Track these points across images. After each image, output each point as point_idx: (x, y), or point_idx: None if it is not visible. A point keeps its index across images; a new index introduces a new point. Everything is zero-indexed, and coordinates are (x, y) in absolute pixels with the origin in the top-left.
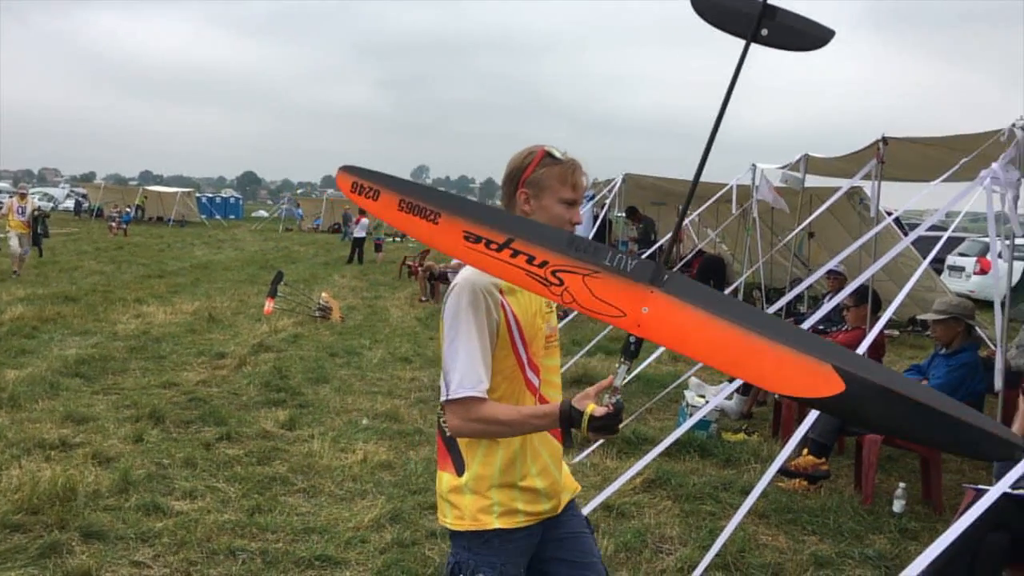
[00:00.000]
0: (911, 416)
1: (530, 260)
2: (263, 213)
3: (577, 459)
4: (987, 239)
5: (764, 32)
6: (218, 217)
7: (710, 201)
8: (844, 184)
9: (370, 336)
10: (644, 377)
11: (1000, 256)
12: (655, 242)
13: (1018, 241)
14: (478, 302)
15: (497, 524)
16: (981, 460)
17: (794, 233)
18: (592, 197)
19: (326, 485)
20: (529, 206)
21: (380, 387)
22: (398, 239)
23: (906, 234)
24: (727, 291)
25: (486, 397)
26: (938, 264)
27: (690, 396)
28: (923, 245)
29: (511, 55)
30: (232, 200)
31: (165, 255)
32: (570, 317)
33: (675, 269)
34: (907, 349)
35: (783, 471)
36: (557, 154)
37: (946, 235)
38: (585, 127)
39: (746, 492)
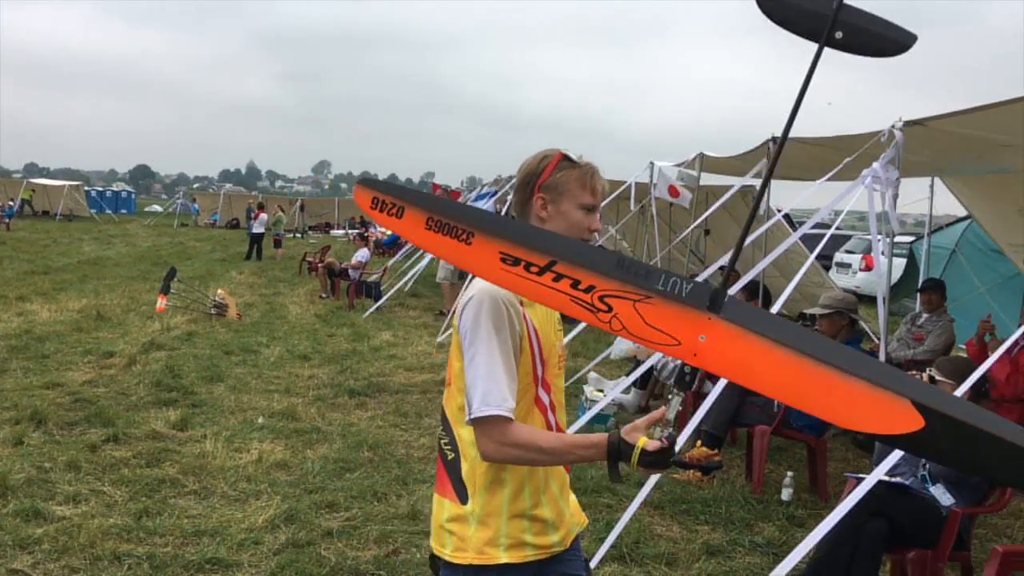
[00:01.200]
0: (992, 453)
1: (575, 284)
2: (157, 208)
3: None
4: (871, 237)
5: (838, 35)
6: (109, 212)
7: (609, 198)
8: (736, 182)
9: (268, 333)
10: None
11: (883, 253)
12: None
13: (901, 239)
14: (500, 314)
15: (504, 558)
16: None
17: (690, 229)
18: (495, 193)
19: (219, 486)
20: (546, 212)
21: (277, 385)
22: (298, 235)
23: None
24: None
25: (512, 417)
26: (827, 261)
27: (589, 391)
28: (813, 242)
29: (414, 50)
30: (124, 194)
31: (51, 251)
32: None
33: None
34: None
35: (677, 463)
36: (574, 157)
37: (829, 232)
38: (489, 123)
39: (642, 484)
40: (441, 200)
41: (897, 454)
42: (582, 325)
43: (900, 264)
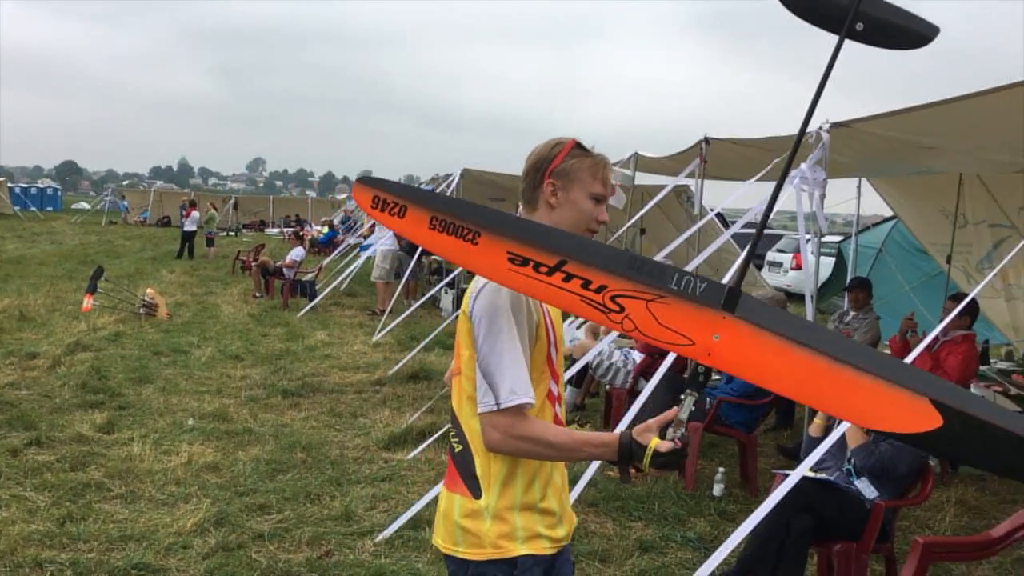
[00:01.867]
0: (1012, 450)
1: (586, 284)
2: (84, 205)
3: (412, 455)
4: (799, 236)
5: (859, 27)
6: (34, 209)
7: None
8: (670, 182)
9: (199, 333)
10: None
11: (812, 252)
12: None
13: (830, 238)
14: (519, 300)
15: (523, 550)
16: None
17: (624, 228)
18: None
19: (146, 490)
20: (556, 199)
21: (208, 386)
22: (231, 233)
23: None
24: None
25: (534, 407)
26: (759, 260)
27: None
28: (745, 241)
29: (352, 47)
30: (50, 191)
31: None
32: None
33: None
34: None
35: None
36: (587, 146)
37: (756, 232)
38: (426, 121)
39: (576, 482)
40: (446, 198)
41: (821, 449)
42: None
43: (830, 263)
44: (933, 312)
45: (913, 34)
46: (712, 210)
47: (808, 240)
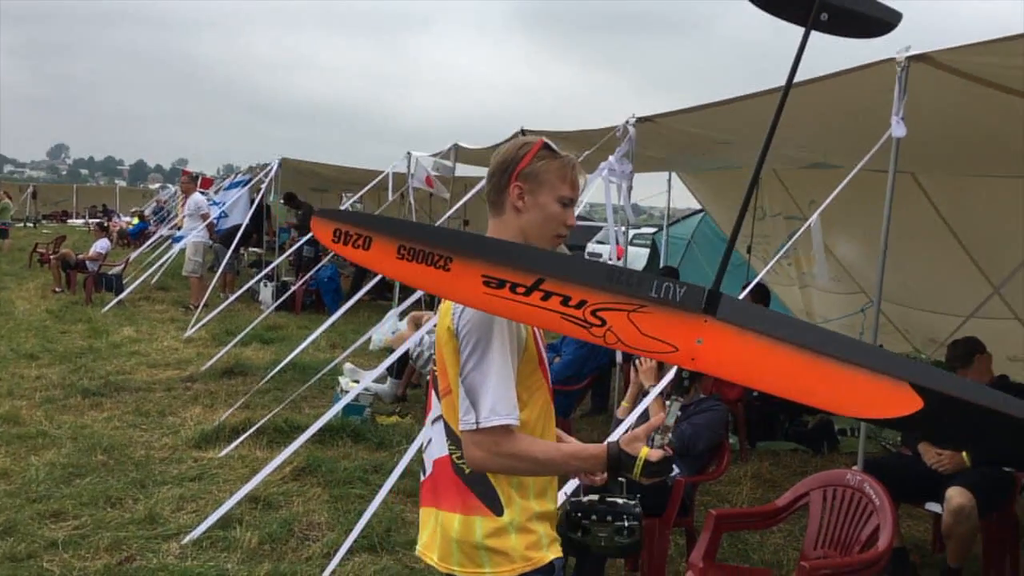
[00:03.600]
0: (997, 429)
1: (565, 301)
2: None
3: (224, 452)
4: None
5: (824, 17)
6: None
7: (367, 188)
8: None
9: None
10: (299, 364)
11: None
12: None
13: (646, 230)
14: None
15: (550, 556)
16: None
17: (445, 218)
18: (248, 181)
19: None
20: (523, 202)
21: None
22: (29, 224)
23: None
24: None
25: (518, 426)
26: (579, 251)
27: (344, 382)
28: (580, 233)
29: (166, 29)
30: None
31: None
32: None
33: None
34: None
35: None
36: (555, 147)
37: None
38: (248, 109)
39: (390, 472)
40: (412, 225)
41: (621, 429)
42: (339, 314)
43: (644, 254)
44: None
45: (877, 22)
46: None
47: (617, 231)
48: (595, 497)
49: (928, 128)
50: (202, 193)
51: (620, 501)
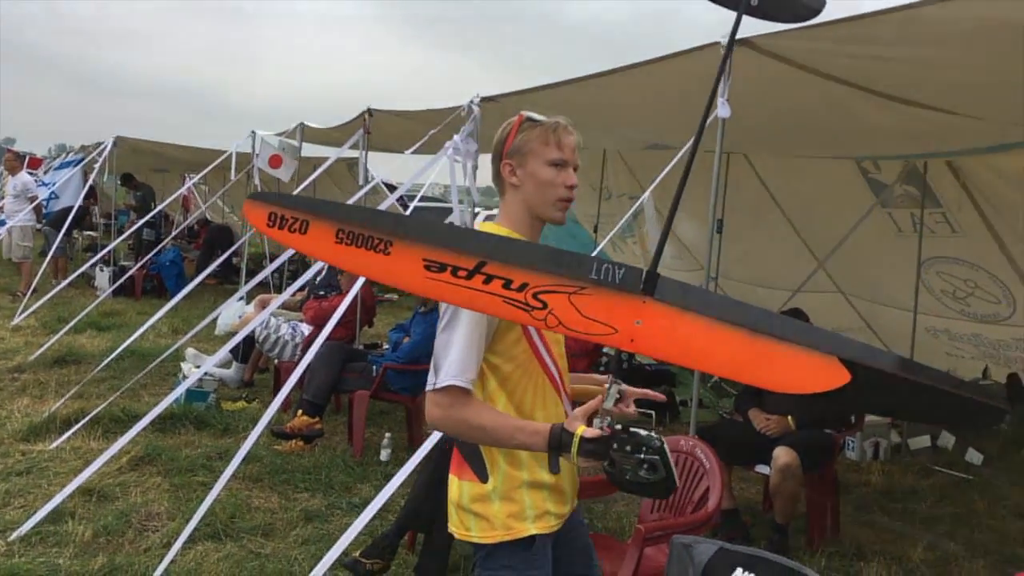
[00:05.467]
0: (918, 398)
1: (507, 284)
2: None
3: (55, 444)
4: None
5: (754, 2)
6: None
7: (210, 168)
8: (334, 153)
9: None
10: (139, 351)
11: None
12: (153, 209)
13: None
14: None
15: (533, 530)
16: (977, 430)
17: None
18: (81, 160)
19: None
20: (516, 177)
21: None
22: None
23: (403, 204)
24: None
25: (471, 389)
26: None
27: (187, 368)
28: (418, 214)
29: None
30: None
31: None
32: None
33: (177, 237)
34: (403, 311)
35: (278, 434)
36: (537, 117)
37: (414, 203)
38: (82, 85)
39: (243, 459)
40: (351, 208)
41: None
42: (179, 296)
43: None
44: None
45: (803, 6)
46: (374, 177)
47: (462, 211)
48: (619, 426)
49: (754, 111)
50: (30, 173)
51: (643, 432)
